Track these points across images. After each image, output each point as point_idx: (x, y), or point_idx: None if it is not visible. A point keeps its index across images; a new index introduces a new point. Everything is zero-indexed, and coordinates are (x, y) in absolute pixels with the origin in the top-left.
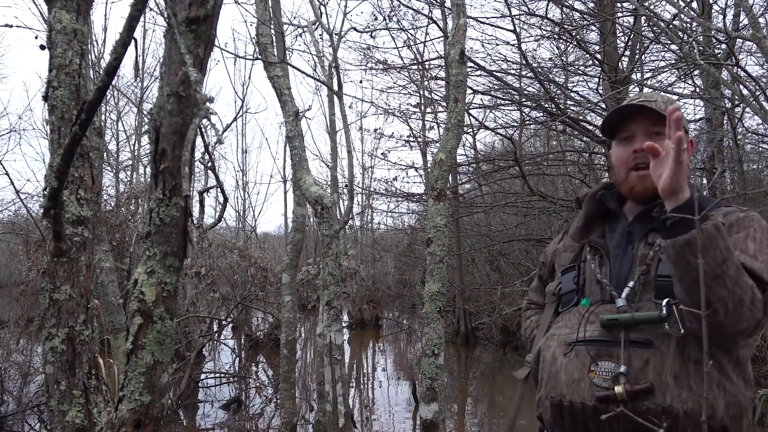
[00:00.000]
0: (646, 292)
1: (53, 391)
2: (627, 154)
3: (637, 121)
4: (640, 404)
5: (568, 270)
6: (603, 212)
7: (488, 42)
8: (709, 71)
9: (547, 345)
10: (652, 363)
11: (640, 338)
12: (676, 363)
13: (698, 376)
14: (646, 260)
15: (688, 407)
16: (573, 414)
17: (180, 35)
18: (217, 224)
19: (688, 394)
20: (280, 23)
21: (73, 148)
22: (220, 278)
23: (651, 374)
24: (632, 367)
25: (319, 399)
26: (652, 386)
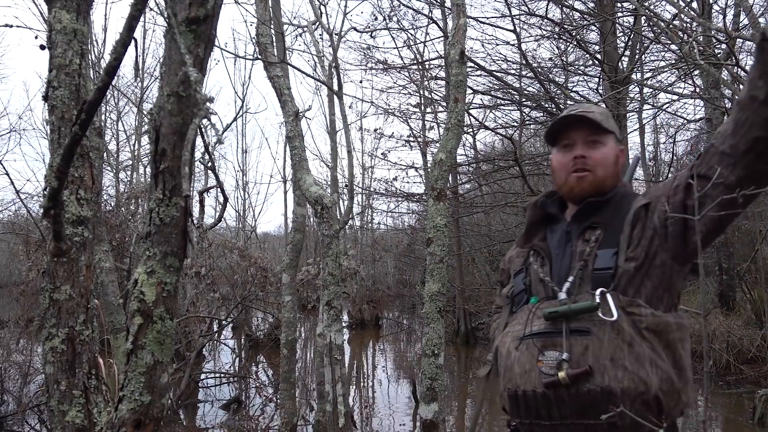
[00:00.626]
0: (584, 284)
1: (53, 391)
2: (567, 159)
3: (577, 130)
4: (582, 386)
5: (518, 273)
6: (544, 218)
7: (488, 42)
8: (709, 71)
9: (503, 342)
10: (591, 348)
11: (580, 327)
12: (611, 346)
13: (632, 357)
14: (583, 256)
15: (624, 385)
16: (527, 402)
17: (180, 35)
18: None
19: (623, 373)
20: (280, 23)
21: (73, 148)
22: (220, 278)
23: (590, 359)
24: (574, 353)
25: (319, 399)
26: (591, 369)
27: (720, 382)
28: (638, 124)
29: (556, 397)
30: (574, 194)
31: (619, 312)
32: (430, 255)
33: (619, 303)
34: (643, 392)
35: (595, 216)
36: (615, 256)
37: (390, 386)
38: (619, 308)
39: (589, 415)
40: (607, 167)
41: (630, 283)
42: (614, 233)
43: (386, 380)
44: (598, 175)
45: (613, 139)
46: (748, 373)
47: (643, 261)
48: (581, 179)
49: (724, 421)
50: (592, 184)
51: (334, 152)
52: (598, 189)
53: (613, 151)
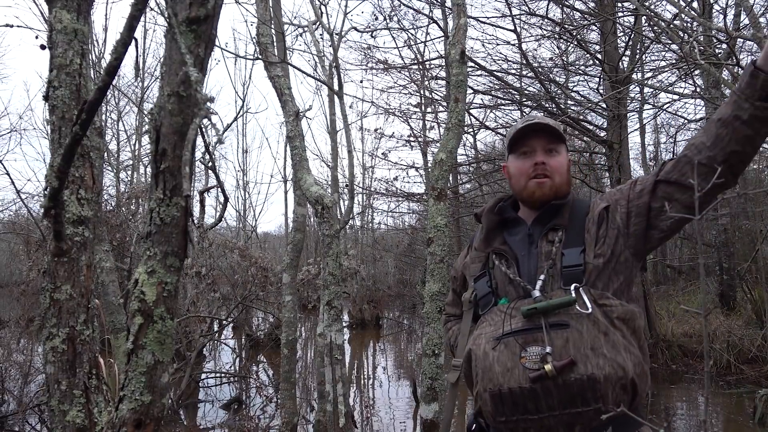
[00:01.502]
0: (555, 281)
1: (54, 390)
2: (527, 165)
3: (536, 138)
4: (568, 377)
5: (480, 277)
6: (500, 223)
7: (489, 42)
8: (710, 71)
9: (477, 344)
10: (571, 340)
11: (558, 321)
12: (590, 337)
13: (609, 345)
14: (550, 255)
15: (606, 372)
16: (513, 399)
17: (180, 35)
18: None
19: (604, 361)
20: (280, 23)
21: (74, 148)
22: (221, 278)
23: (572, 350)
24: (555, 346)
25: (320, 399)
26: (574, 360)
27: (720, 382)
28: (639, 124)
29: (544, 390)
30: (535, 199)
31: (592, 305)
32: (430, 255)
33: (591, 296)
34: (622, 377)
35: (555, 218)
36: (582, 254)
37: (390, 386)
38: (591, 301)
39: (577, 403)
40: (563, 174)
41: (599, 277)
42: (576, 233)
43: (387, 380)
44: (555, 181)
45: (565, 149)
46: (749, 373)
47: (609, 257)
48: (541, 185)
49: (725, 420)
50: (551, 189)
51: (335, 152)
52: (556, 193)
53: (566, 159)
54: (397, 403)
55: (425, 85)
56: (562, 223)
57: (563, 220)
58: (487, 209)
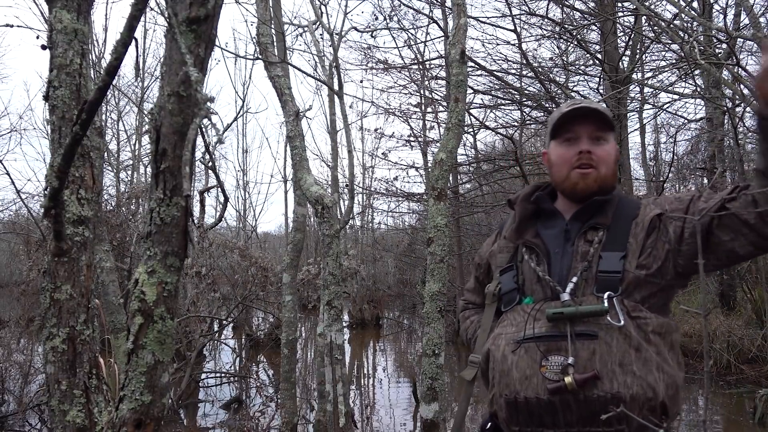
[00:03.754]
0: (588, 286)
1: (54, 390)
2: (571, 154)
3: (583, 124)
4: (591, 392)
5: (506, 270)
6: (535, 213)
7: (489, 42)
8: (710, 71)
9: (496, 344)
10: (598, 353)
11: (586, 330)
12: (620, 351)
13: (640, 362)
14: (587, 257)
15: (633, 392)
16: (529, 409)
17: (181, 35)
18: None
19: (632, 379)
20: (280, 23)
21: (74, 147)
22: (221, 278)
23: (598, 364)
24: (580, 358)
25: (320, 399)
26: (599, 374)
27: (720, 382)
28: (639, 124)
29: (562, 404)
30: (577, 191)
31: (624, 317)
32: (430, 255)
33: (624, 308)
34: (651, 398)
35: (597, 216)
36: (623, 261)
37: (390, 386)
38: (624, 313)
39: (597, 422)
40: (610, 165)
41: (637, 289)
42: (619, 236)
43: (387, 380)
44: (601, 172)
45: (613, 137)
46: (749, 373)
47: (654, 272)
48: (585, 176)
49: (725, 421)
50: (596, 181)
51: (335, 152)
52: (601, 187)
53: (615, 149)
54: (397, 403)
55: (425, 85)
56: (605, 222)
57: (606, 219)
58: (522, 196)
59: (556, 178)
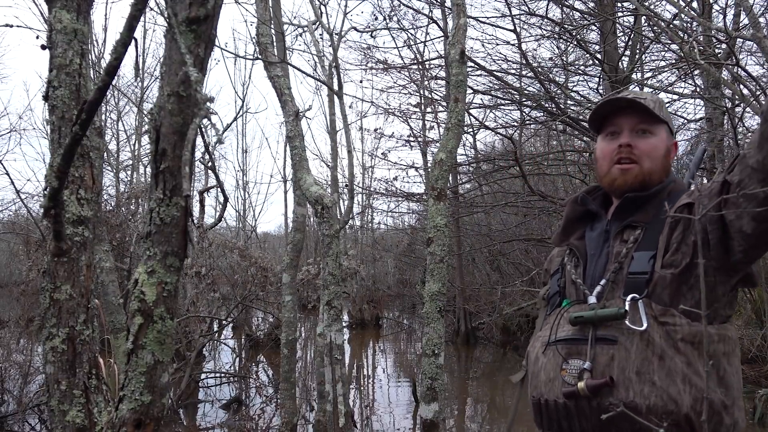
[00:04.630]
0: (616, 289)
1: (54, 390)
2: (612, 148)
3: (625, 116)
4: (605, 400)
5: (555, 273)
6: (585, 214)
7: (488, 42)
8: (710, 71)
9: (533, 346)
10: (616, 359)
11: (607, 335)
12: (639, 358)
13: (662, 371)
14: (619, 257)
15: (650, 402)
16: (549, 412)
17: (180, 35)
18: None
19: (650, 389)
20: (280, 23)
21: (74, 147)
22: (221, 278)
23: (615, 370)
24: (597, 363)
25: (320, 399)
26: (613, 381)
27: None
28: None
29: (577, 410)
30: (616, 187)
31: (650, 321)
32: (430, 255)
33: (651, 312)
34: (673, 411)
35: (637, 213)
36: (652, 260)
37: (390, 386)
38: (650, 317)
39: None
40: (655, 160)
41: (666, 290)
42: (655, 234)
43: (386, 380)
44: (644, 167)
45: (665, 130)
46: (748, 372)
47: (684, 269)
48: (625, 171)
49: None
50: (636, 177)
51: (335, 152)
52: (643, 183)
53: (664, 142)
54: (397, 403)
55: (425, 85)
56: (644, 219)
57: (646, 216)
58: (572, 199)
59: (599, 175)
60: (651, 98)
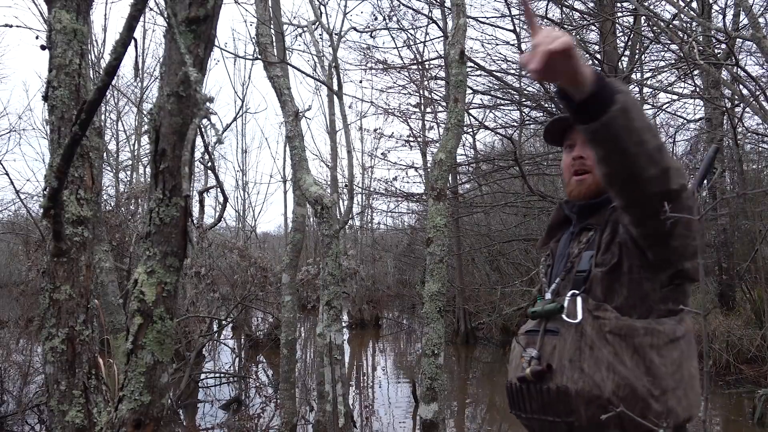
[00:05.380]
0: (567, 286)
1: (53, 390)
2: (569, 160)
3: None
4: (544, 384)
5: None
6: (565, 219)
7: (488, 42)
8: (709, 71)
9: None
10: (557, 348)
11: (552, 327)
12: (572, 348)
13: (591, 360)
14: (572, 257)
15: (578, 387)
16: (511, 394)
17: (180, 35)
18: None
19: (579, 375)
20: (279, 23)
21: (73, 148)
22: (220, 278)
23: (555, 358)
24: (544, 352)
25: (319, 399)
26: (551, 368)
27: (720, 382)
28: None
29: (528, 392)
30: (574, 196)
31: (585, 315)
32: (429, 255)
33: (587, 306)
34: (597, 396)
35: (593, 217)
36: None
37: (390, 386)
38: (586, 311)
39: (549, 412)
40: None
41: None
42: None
43: (386, 380)
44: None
45: None
46: (748, 372)
47: (612, 267)
48: (580, 182)
49: (724, 420)
50: (590, 186)
51: (334, 152)
52: (598, 190)
53: None
54: (396, 403)
55: (424, 85)
56: (598, 222)
57: (600, 219)
58: (558, 204)
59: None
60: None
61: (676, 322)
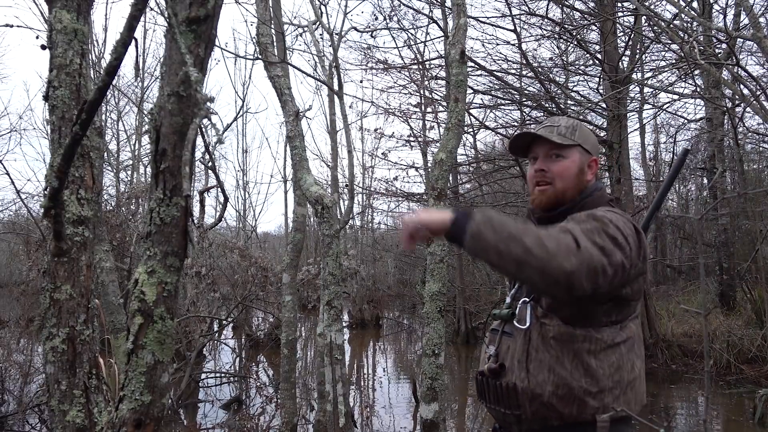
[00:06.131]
0: (523, 293)
1: (54, 390)
2: (532, 172)
3: (540, 144)
4: (498, 380)
5: None
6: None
7: (489, 42)
8: (710, 71)
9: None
10: (510, 349)
11: (508, 329)
12: (521, 350)
13: (536, 362)
14: None
15: (524, 385)
16: (477, 386)
17: (180, 35)
18: (218, 224)
19: (525, 374)
20: (280, 23)
21: (74, 147)
22: (221, 278)
23: (508, 358)
24: (501, 351)
25: (320, 399)
26: (503, 367)
27: (720, 381)
28: (638, 124)
29: (487, 386)
30: (536, 206)
31: (533, 321)
32: (430, 255)
33: (536, 313)
34: (540, 394)
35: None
36: None
37: (390, 386)
38: (534, 317)
39: (502, 404)
40: (567, 179)
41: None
42: None
43: (387, 380)
44: (557, 187)
45: (578, 151)
46: (749, 372)
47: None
48: (542, 192)
49: (725, 420)
50: (550, 197)
51: (335, 152)
52: (557, 201)
53: (576, 163)
54: (397, 403)
55: (425, 85)
56: None
57: None
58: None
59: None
60: (564, 124)
61: (618, 329)
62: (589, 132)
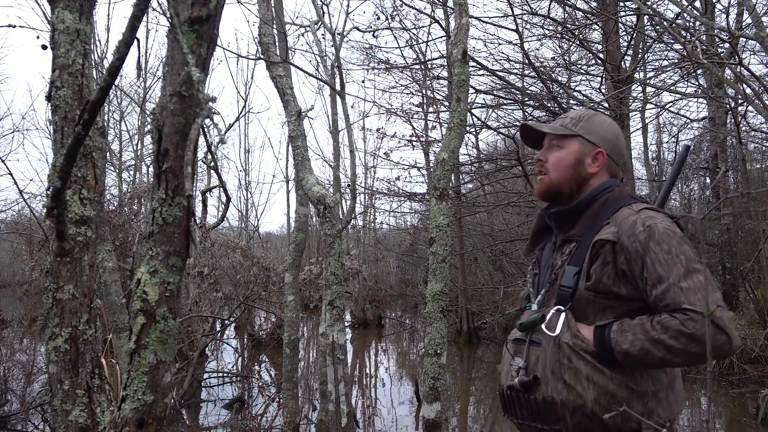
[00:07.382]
0: (552, 299)
1: (56, 390)
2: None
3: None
4: (532, 394)
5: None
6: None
7: (491, 41)
8: (713, 70)
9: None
10: (540, 359)
11: (536, 339)
12: (552, 360)
13: (570, 371)
14: (555, 269)
15: (563, 397)
16: (504, 400)
17: (182, 35)
18: (220, 224)
19: (562, 386)
20: (282, 23)
21: (76, 148)
22: (223, 278)
23: (539, 369)
24: (530, 362)
25: (322, 398)
26: (536, 379)
27: (723, 382)
28: (641, 124)
29: (518, 400)
30: (536, 194)
31: (563, 329)
32: (432, 254)
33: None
34: (582, 405)
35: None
36: (577, 276)
37: (392, 386)
38: (565, 326)
39: (538, 419)
40: (561, 170)
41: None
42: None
43: (389, 380)
44: (552, 177)
45: (578, 142)
46: (752, 372)
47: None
48: (540, 181)
49: (728, 420)
50: (544, 187)
51: (337, 152)
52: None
53: (573, 153)
54: (399, 403)
55: (427, 84)
56: (579, 233)
57: (580, 230)
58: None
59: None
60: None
61: None
62: (601, 123)
